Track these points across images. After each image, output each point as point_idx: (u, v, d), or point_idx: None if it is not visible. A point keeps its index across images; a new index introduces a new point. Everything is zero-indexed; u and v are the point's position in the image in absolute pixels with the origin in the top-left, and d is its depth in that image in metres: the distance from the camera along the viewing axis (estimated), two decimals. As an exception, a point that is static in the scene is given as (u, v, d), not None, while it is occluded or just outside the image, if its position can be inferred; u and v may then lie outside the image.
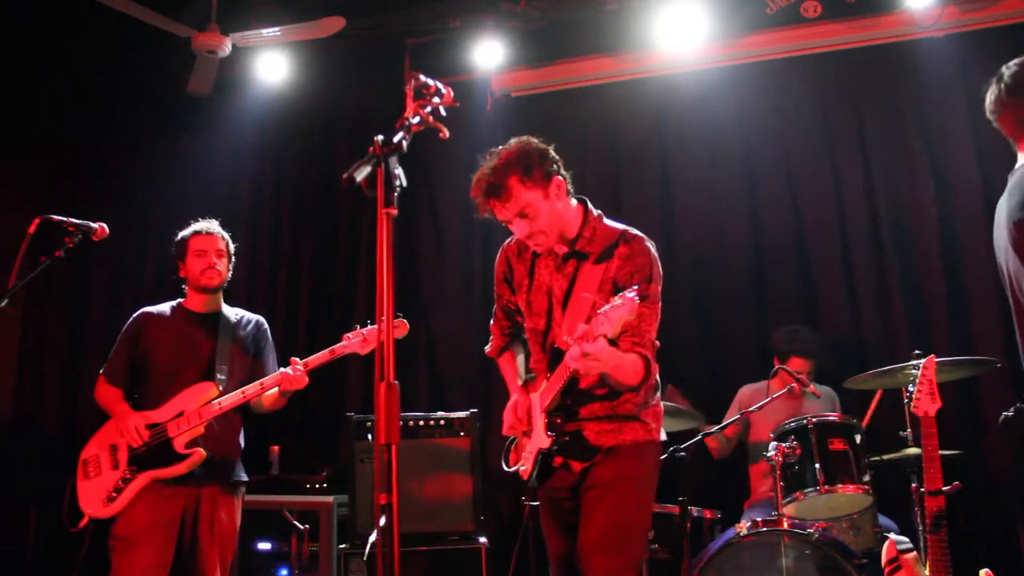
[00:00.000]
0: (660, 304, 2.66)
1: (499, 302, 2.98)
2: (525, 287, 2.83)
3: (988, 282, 4.65)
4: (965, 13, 4.87)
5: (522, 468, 2.77)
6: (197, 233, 3.62)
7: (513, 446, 2.90)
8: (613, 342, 2.36)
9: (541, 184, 2.63)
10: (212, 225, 3.69)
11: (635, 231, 2.71)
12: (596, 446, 2.65)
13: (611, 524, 2.57)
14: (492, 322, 3.03)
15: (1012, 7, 4.82)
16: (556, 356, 2.62)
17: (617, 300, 2.24)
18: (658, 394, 2.78)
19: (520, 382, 2.90)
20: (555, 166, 2.69)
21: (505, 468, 2.87)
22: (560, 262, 2.74)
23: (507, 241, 2.94)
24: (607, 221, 2.76)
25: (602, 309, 2.26)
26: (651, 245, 2.68)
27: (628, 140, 5.45)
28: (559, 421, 2.65)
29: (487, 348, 3.06)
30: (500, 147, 2.69)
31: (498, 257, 2.96)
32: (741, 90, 5.28)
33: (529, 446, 2.74)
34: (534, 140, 2.71)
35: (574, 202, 2.75)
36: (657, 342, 2.65)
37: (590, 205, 2.77)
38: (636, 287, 2.30)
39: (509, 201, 2.61)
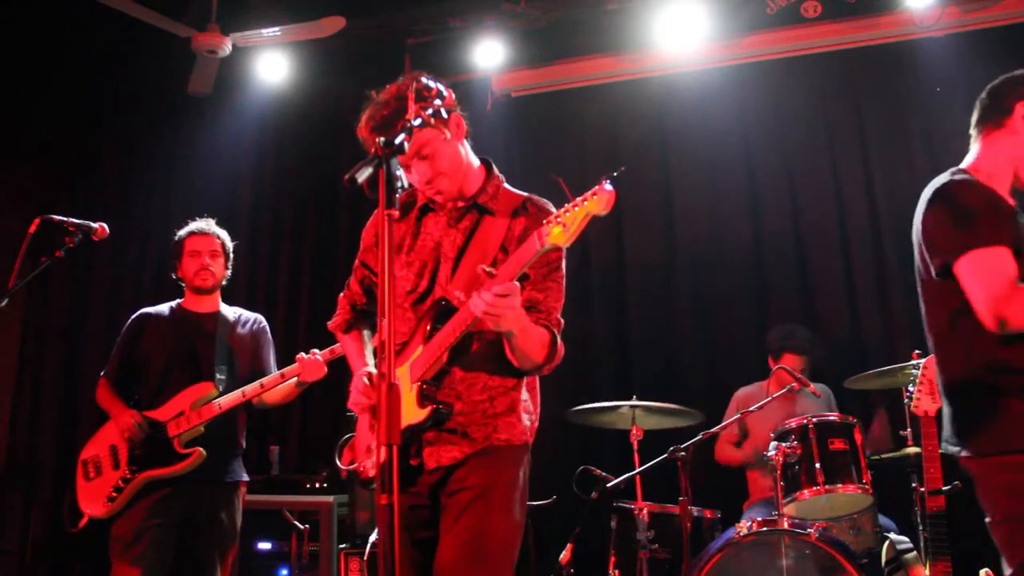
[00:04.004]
0: (564, 281, 2.35)
1: (357, 274, 2.59)
2: (406, 247, 2.42)
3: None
4: (965, 13, 4.88)
5: (363, 464, 2.36)
6: (192, 233, 3.61)
7: (348, 444, 2.54)
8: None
9: (440, 121, 2.27)
10: (208, 224, 3.67)
11: (541, 198, 2.40)
12: (467, 438, 2.27)
13: (481, 538, 2.19)
14: (342, 294, 2.64)
15: (1012, 7, 4.83)
16: (443, 315, 2.25)
17: (585, 194, 1.91)
18: (537, 387, 2.44)
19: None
20: (455, 104, 2.36)
21: (339, 466, 2.52)
22: (457, 216, 2.38)
23: None
24: (508, 186, 2.44)
25: (562, 209, 1.93)
26: None
27: (628, 140, 5.44)
28: (434, 389, 2.24)
29: (330, 322, 2.66)
30: (388, 85, 2.31)
31: (370, 220, 2.54)
32: (741, 90, 5.27)
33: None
34: (427, 76, 2.32)
35: (476, 160, 2.43)
36: (562, 320, 2.31)
37: (495, 167, 2.45)
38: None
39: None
